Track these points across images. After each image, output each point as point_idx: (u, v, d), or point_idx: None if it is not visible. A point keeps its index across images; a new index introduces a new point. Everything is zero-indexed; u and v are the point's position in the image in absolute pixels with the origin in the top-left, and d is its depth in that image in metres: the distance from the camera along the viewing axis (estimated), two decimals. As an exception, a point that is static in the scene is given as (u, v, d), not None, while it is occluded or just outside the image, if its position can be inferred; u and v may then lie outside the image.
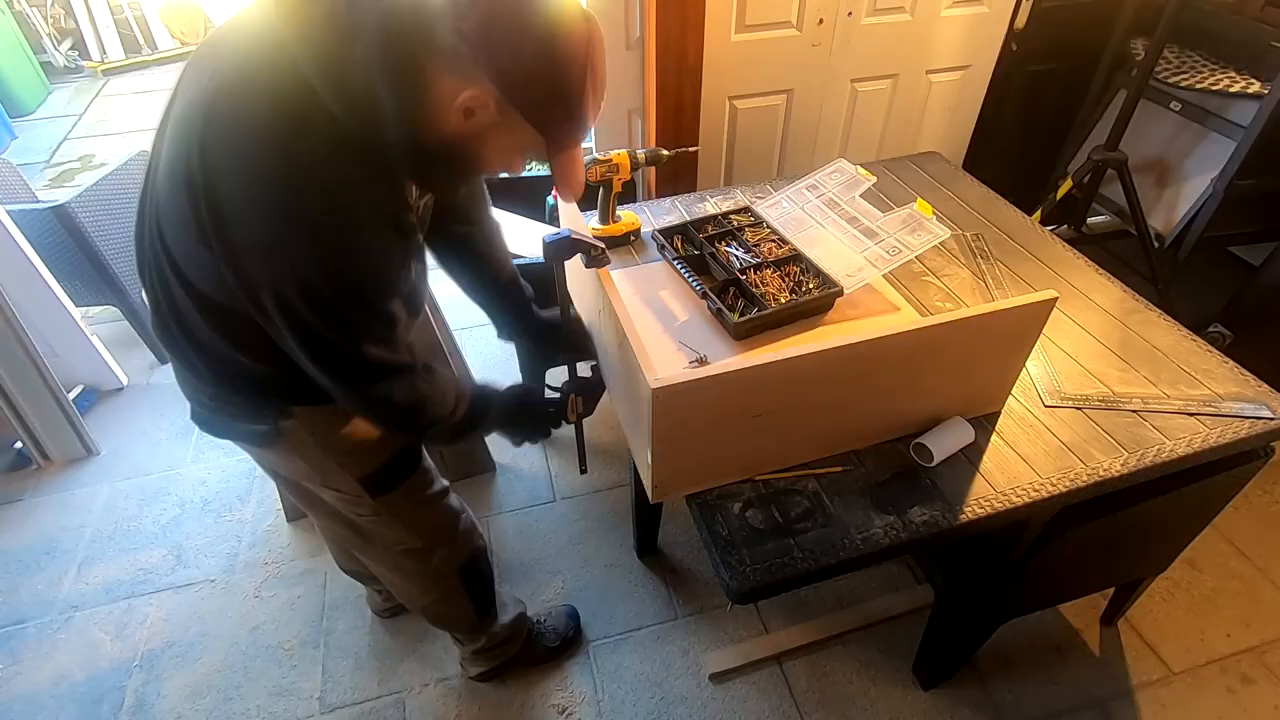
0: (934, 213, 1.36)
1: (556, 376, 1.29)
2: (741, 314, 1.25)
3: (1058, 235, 1.58)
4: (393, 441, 1.09)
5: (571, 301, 1.20)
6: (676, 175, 2.13)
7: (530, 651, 1.58)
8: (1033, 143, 2.64)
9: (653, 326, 1.29)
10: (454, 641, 1.52)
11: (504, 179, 2.15)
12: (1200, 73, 2.24)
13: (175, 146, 0.78)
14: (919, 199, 1.41)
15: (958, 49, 2.26)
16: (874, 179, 1.47)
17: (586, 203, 1.37)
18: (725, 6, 1.94)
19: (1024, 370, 1.18)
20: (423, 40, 0.69)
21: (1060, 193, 2.34)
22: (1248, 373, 1.23)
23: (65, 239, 2.09)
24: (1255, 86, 2.12)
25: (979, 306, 1.00)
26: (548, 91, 0.73)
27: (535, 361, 1.94)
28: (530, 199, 2.06)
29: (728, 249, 1.41)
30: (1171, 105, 2.36)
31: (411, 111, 0.72)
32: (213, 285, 0.80)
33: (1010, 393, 1.17)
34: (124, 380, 2.31)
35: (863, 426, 1.10)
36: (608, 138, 2.21)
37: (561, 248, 1.12)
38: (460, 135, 0.74)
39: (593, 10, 1.95)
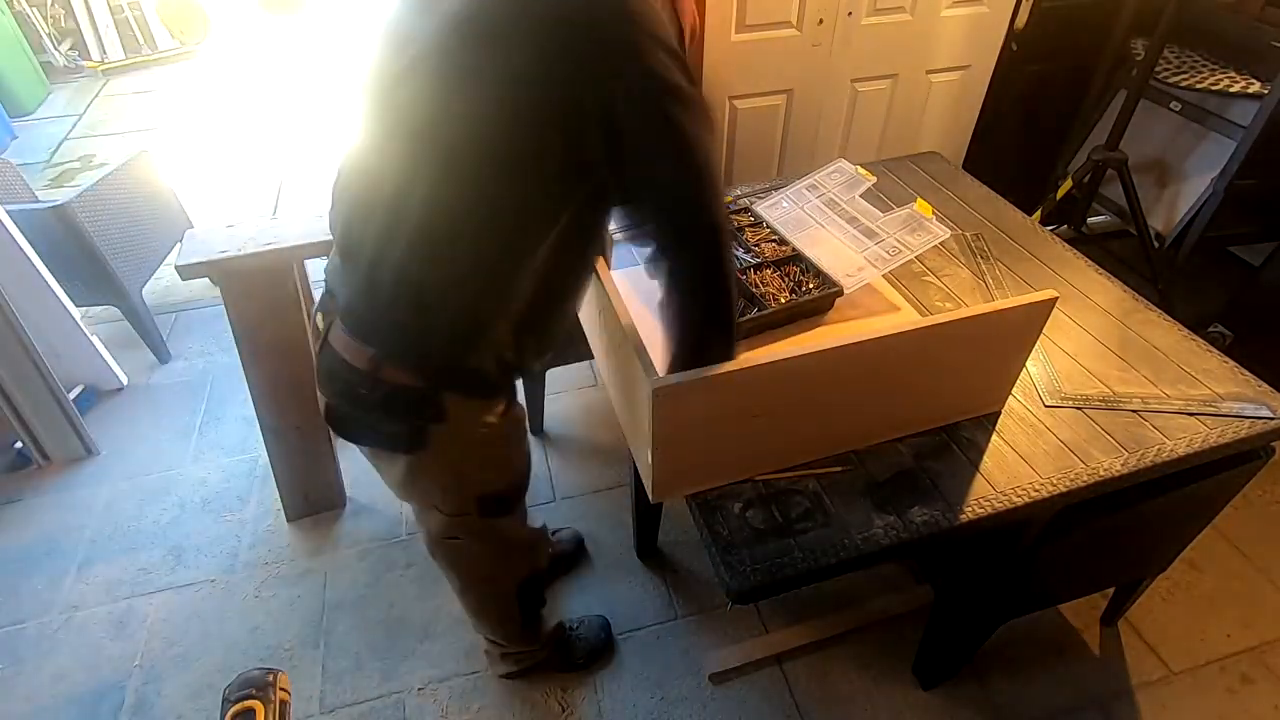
0: (934, 213, 1.36)
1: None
2: (741, 314, 1.25)
3: (1058, 235, 1.58)
4: (517, 461, 1.14)
5: None
6: (676, 175, 2.13)
7: (559, 659, 1.58)
8: (1033, 143, 2.64)
9: (653, 326, 1.29)
10: (487, 640, 1.51)
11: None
12: (1200, 73, 2.25)
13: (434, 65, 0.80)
14: (919, 199, 1.41)
15: (958, 49, 2.26)
16: (874, 179, 1.47)
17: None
18: (725, 6, 1.94)
19: (1024, 370, 1.18)
20: None
21: (1060, 193, 2.34)
22: (1248, 373, 1.23)
23: (65, 239, 2.09)
24: (1255, 86, 2.12)
25: (979, 306, 1.00)
26: None
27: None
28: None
29: None
30: (1171, 105, 2.36)
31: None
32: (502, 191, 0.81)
33: (1010, 393, 1.17)
34: (124, 380, 2.31)
35: (863, 426, 1.10)
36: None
37: None
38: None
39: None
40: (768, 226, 1.46)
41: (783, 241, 1.42)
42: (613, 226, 1.44)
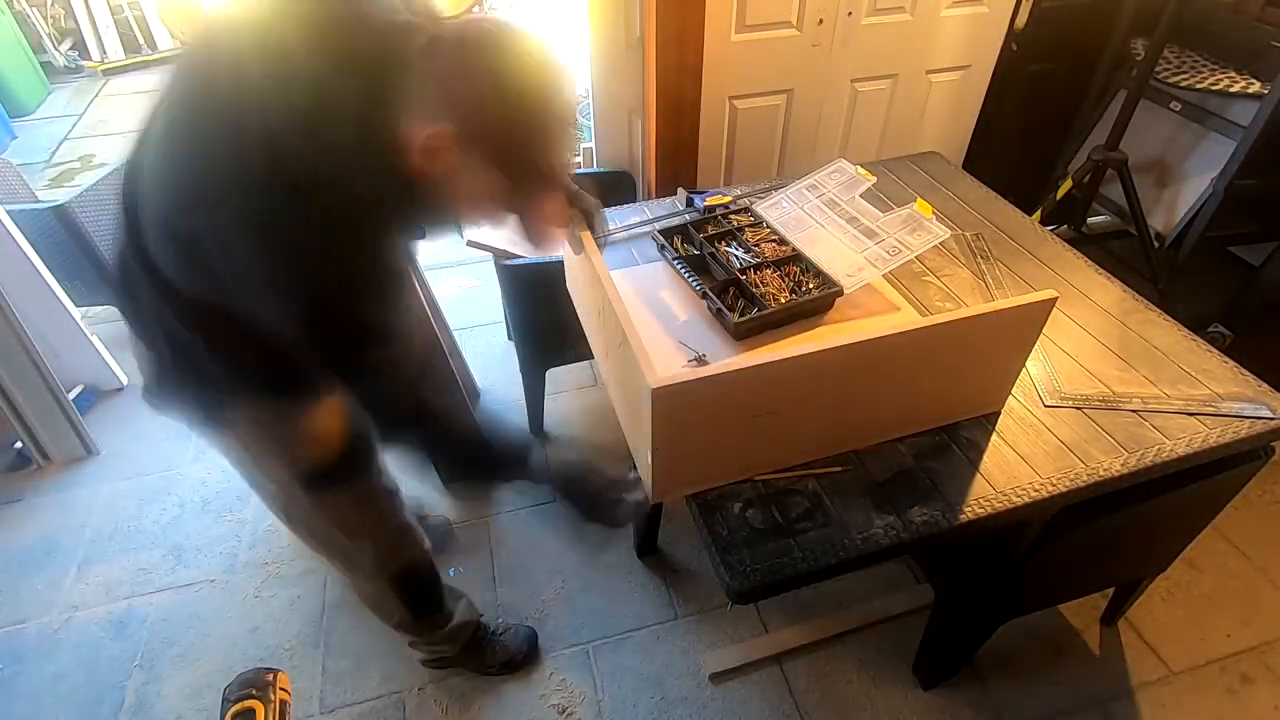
0: (934, 213, 1.36)
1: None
2: (741, 314, 1.25)
3: (1058, 235, 1.58)
4: (345, 437, 1.06)
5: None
6: (676, 175, 2.13)
7: (473, 660, 1.56)
8: (1033, 143, 2.64)
9: (653, 326, 1.29)
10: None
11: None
12: (1200, 73, 2.24)
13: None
14: (919, 199, 1.41)
15: (958, 49, 2.26)
16: (874, 179, 1.47)
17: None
18: (725, 6, 1.94)
19: (1024, 370, 1.18)
20: (393, 76, 0.73)
21: (1060, 193, 2.34)
22: (1248, 373, 1.23)
23: (65, 239, 2.09)
24: (1255, 86, 2.12)
25: (979, 306, 1.00)
26: (508, 137, 0.75)
27: (535, 363, 1.94)
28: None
29: (728, 249, 1.41)
30: (1171, 105, 2.36)
31: (381, 144, 0.74)
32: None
33: (1010, 393, 1.17)
34: (124, 380, 2.31)
35: (863, 426, 1.10)
36: (608, 139, 2.21)
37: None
38: (426, 175, 0.76)
39: (592, 10, 1.95)
40: (768, 226, 1.46)
41: (783, 241, 1.42)
42: (613, 224, 1.45)
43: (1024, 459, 1.09)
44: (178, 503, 1.97)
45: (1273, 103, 1.94)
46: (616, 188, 2.24)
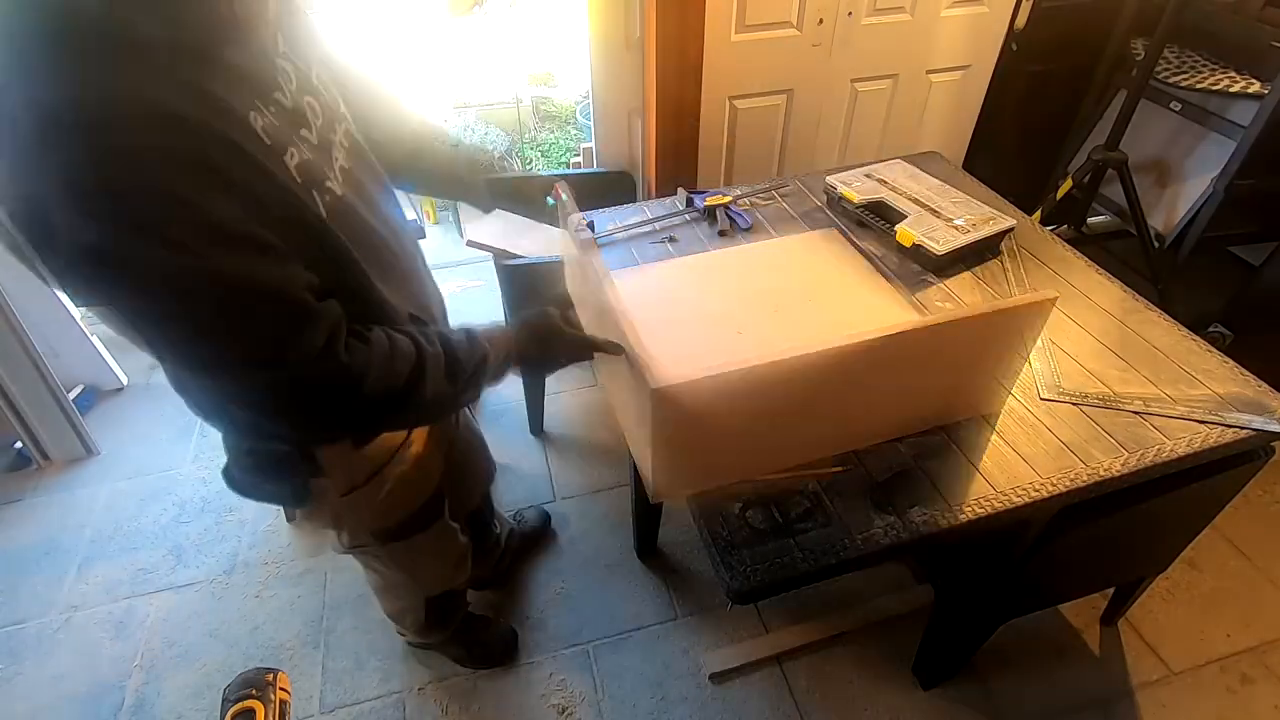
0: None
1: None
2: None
3: (1058, 235, 1.58)
4: (423, 486, 1.11)
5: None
6: (677, 175, 2.13)
7: (455, 651, 1.59)
8: (1033, 143, 2.64)
9: (653, 326, 1.29)
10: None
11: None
12: (1200, 73, 2.25)
13: None
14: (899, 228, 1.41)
15: (958, 49, 2.26)
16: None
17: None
18: (725, 6, 1.94)
19: (1025, 369, 1.18)
20: None
21: (1060, 193, 2.34)
22: (1248, 373, 1.23)
23: (65, 239, 2.09)
24: (1255, 86, 2.12)
25: (979, 306, 1.00)
26: None
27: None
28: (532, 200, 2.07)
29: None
30: (1171, 105, 2.36)
31: None
32: None
33: (1010, 392, 1.17)
34: (124, 380, 2.31)
35: (863, 426, 1.10)
36: (608, 139, 2.21)
37: None
38: None
39: (592, 11, 1.95)
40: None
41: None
42: (613, 224, 1.44)
43: (1024, 459, 1.09)
44: (178, 503, 1.97)
45: (1273, 103, 1.94)
46: (616, 188, 2.24)
